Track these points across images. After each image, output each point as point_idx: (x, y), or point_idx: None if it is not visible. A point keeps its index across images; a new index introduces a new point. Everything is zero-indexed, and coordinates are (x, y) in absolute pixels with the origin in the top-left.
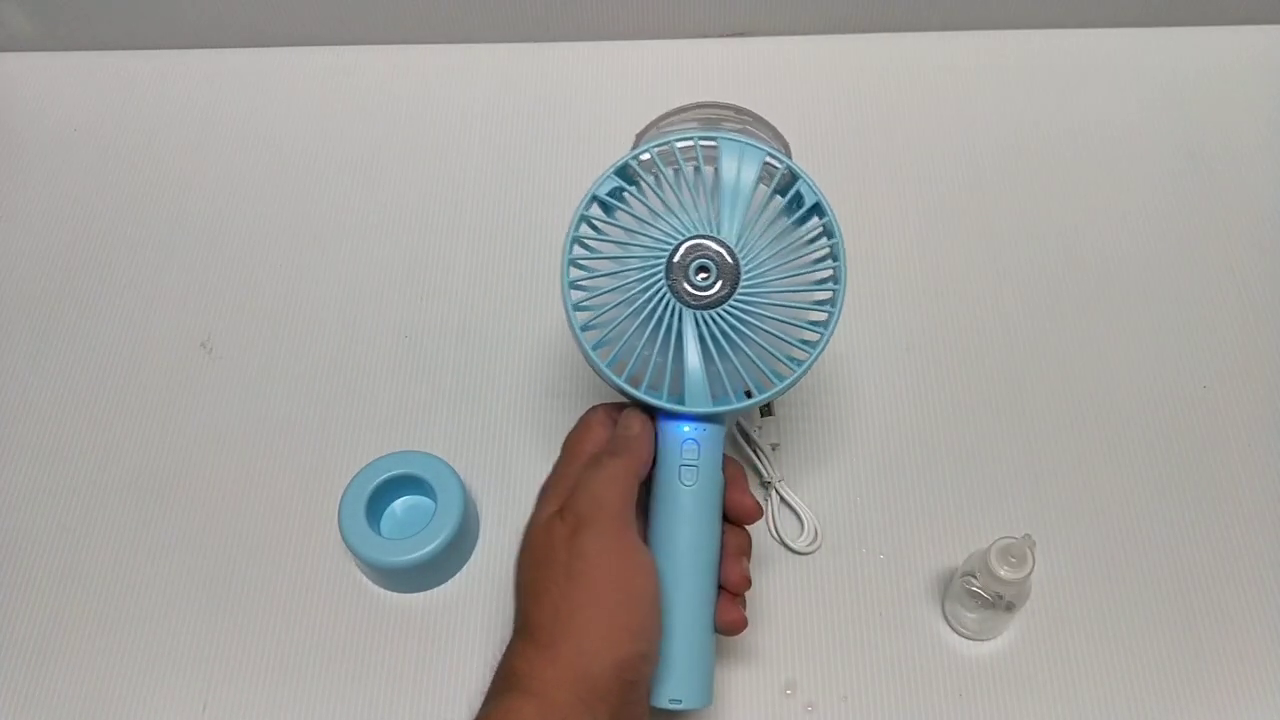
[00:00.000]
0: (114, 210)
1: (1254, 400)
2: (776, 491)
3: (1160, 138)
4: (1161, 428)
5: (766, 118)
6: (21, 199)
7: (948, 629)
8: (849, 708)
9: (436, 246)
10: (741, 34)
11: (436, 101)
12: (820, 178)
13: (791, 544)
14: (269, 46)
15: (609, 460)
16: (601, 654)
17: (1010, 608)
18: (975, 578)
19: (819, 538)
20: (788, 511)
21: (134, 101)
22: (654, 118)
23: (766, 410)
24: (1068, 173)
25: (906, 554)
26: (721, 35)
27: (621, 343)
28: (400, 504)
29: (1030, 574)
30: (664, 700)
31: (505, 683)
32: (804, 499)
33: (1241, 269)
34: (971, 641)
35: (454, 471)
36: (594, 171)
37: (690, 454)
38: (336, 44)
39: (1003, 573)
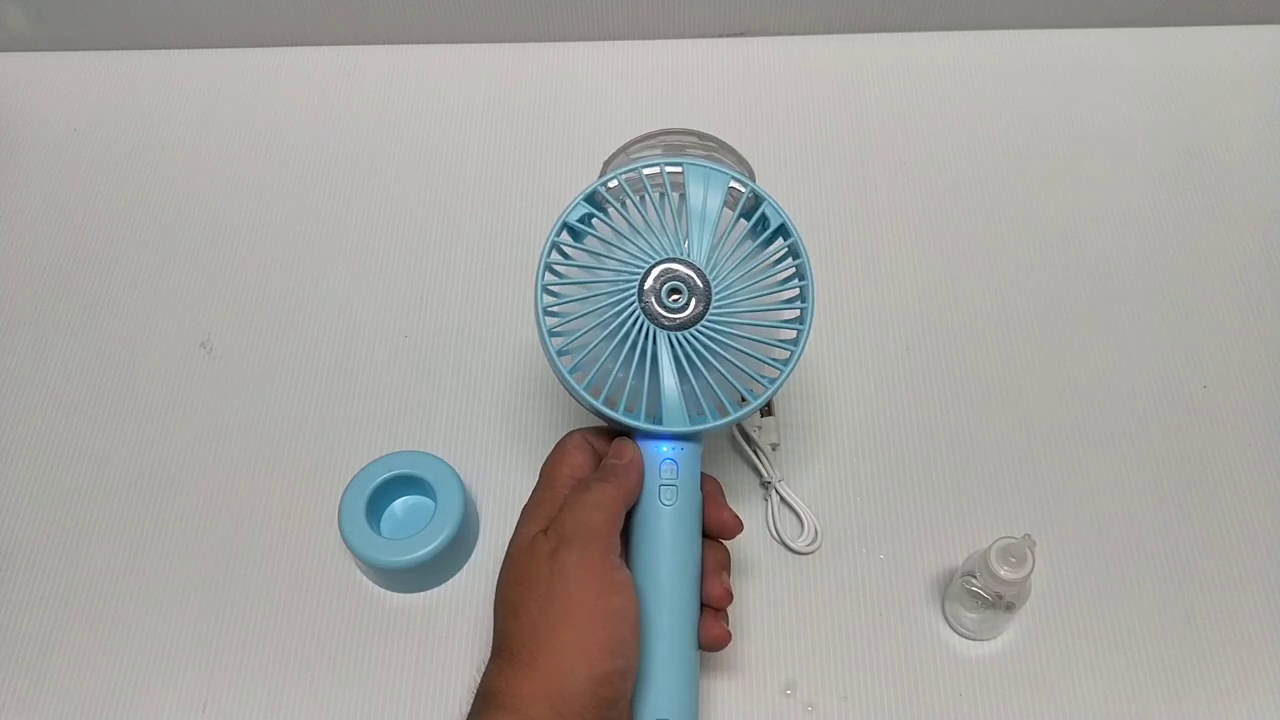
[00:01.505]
0: (114, 210)
1: (1254, 400)
2: (776, 491)
3: (1160, 137)
4: (1161, 428)
5: (726, 122)
6: (21, 199)
7: (948, 629)
8: (849, 708)
9: (436, 246)
10: (741, 34)
11: (436, 101)
12: (820, 178)
13: (791, 544)
14: (269, 46)
15: (597, 485)
16: (578, 670)
17: (1010, 608)
18: (975, 578)
19: (819, 538)
20: (788, 511)
21: (134, 101)
22: (619, 145)
23: (766, 410)
24: (1068, 172)
25: (906, 554)
26: (721, 35)
27: (597, 366)
28: (400, 504)
29: (1030, 574)
30: None
31: (483, 701)
32: (804, 499)
33: (1241, 268)
34: (971, 641)
35: (454, 471)
36: (594, 171)
37: (669, 474)
38: (336, 44)
39: (1003, 573)
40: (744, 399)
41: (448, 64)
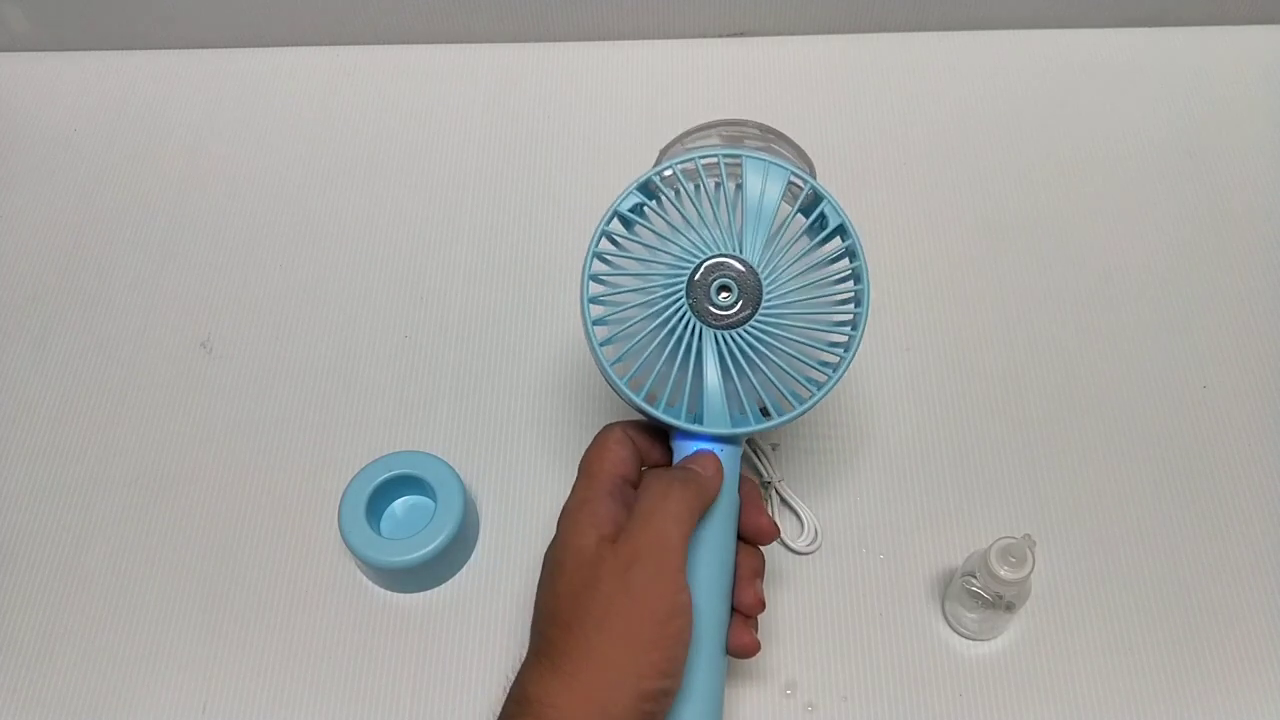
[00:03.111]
0: (114, 210)
1: (1254, 400)
2: (776, 491)
3: (1160, 138)
4: (1161, 427)
5: (788, 133)
6: (22, 199)
7: (948, 629)
8: (849, 708)
9: (436, 246)
10: (741, 34)
11: (436, 101)
12: (820, 178)
13: (791, 544)
14: (269, 46)
15: (679, 494)
16: (624, 687)
17: (1010, 608)
18: (975, 578)
19: (819, 538)
20: (788, 511)
21: (134, 101)
22: (678, 134)
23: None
24: (1068, 172)
25: (906, 554)
26: (721, 35)
27: (640, 360)
28: (400, 504)
29: (1030, 574)
30: None
31: (518, 707)
32: (804, 499)
33: (1241, 268)
34: (971, 641)
35: (454, 471)
36: (594, 171)
37: None
38: (336, 44)
39: (1003, 573)
40: (789, 403)
41: (448, 64)
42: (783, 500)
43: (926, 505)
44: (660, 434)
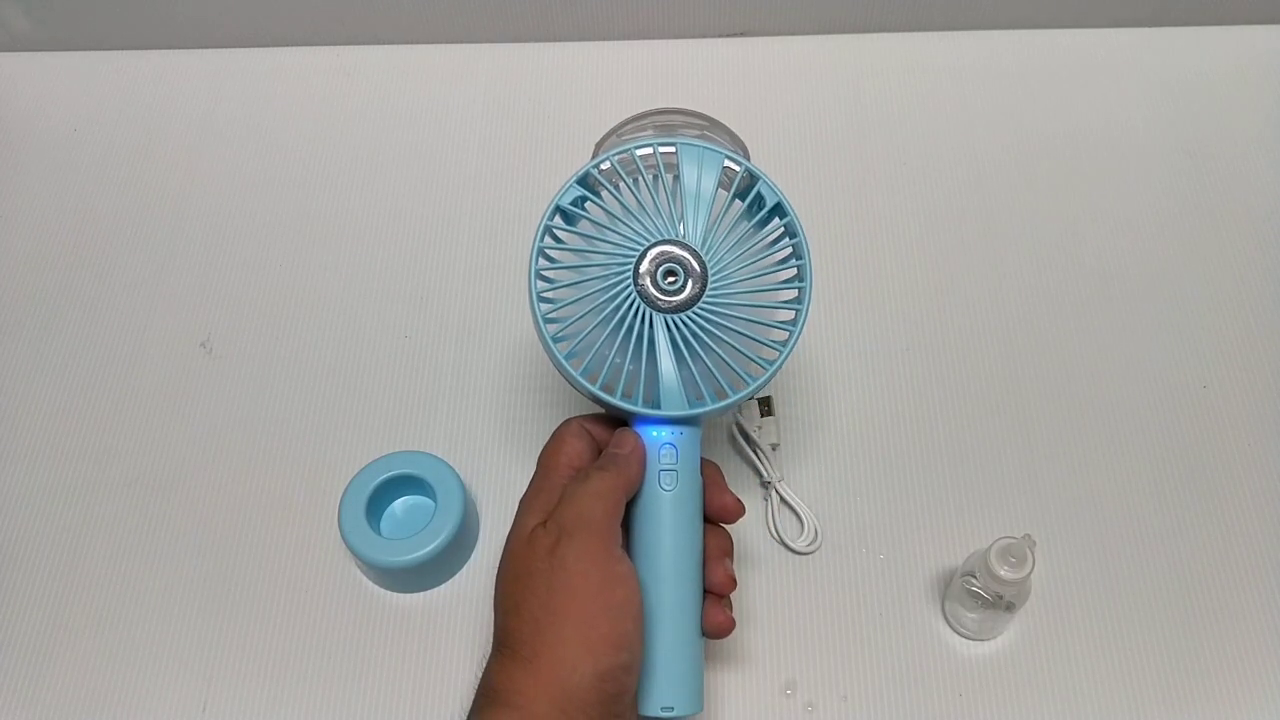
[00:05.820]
0: (114, 210)
1: (1254, 400)
2: (776, 491)
3: (1160, 138)
4: (1161, 427)
5: (727, 122)
6: (21, 199)
7: (948, 629)
8: (849, 708)
9: (436, 246)
10: (741, 34)
11: (436, 101)
12: (820, 177)
13: (791, 544)
14: (269, 46)
15: (598, 475)
16: (581, 665)
17: (1010, 608)
18: (975, 578)
19: (819, 538)
20: (788, 511)
21: (134, 101)
22: (611, 126)
23: (766, 410)
24: (1068, 173)
25: (906, 554)
26: (721, 35)
27: (593, 351)
28: (400, 504)
29: (1030, 574)
30: (655, 709)
31: (485, 698)
32: (804, 499)
33: (1241, 268)
34: (971, 641)
35: (454, 471)
36: None
37: (668, 458)
38: (336, 44)
39: (1003, 573)
40: (743, 382)
41: (448, 64)
42: (783, 500)
43: (926, 505)
44: (619, 424)
